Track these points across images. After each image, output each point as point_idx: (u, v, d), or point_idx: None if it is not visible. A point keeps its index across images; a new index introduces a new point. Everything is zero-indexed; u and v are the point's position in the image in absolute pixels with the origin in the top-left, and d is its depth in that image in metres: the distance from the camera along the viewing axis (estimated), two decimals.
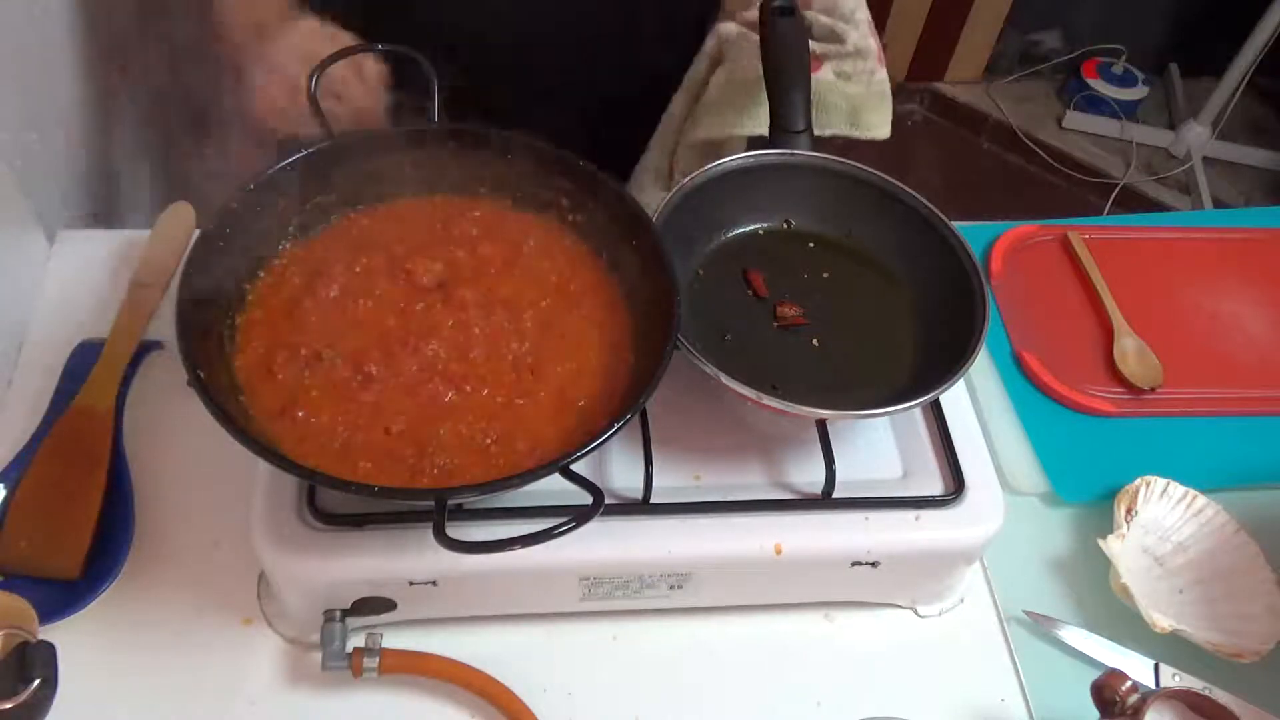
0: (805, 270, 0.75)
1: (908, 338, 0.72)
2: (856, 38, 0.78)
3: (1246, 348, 0.91)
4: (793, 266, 0.75)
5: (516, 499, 0.61)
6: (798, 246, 0.76)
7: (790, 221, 0.76)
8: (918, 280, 0.74)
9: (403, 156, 0.69)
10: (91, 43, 1.00)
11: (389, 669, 0.64)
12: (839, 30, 0.79)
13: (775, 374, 0.67)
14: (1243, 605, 0.73)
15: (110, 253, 0.86)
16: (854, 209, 0.76)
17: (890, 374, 0.70)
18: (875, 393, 0.67)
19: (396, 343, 0.63)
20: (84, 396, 0.73)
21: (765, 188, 0.75)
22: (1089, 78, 2.49)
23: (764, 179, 0.74)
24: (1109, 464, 0.80)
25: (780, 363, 0.69)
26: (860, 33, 0.78)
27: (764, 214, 0.76)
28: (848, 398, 0.66)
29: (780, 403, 0.60)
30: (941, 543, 0.66)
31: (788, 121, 0.74)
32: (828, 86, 0.81)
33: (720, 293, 0.72)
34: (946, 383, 0.63)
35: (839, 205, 0.76)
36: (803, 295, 0.73)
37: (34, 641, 0.53)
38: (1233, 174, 2.47)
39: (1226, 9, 2.28)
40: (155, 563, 0.70)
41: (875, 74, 0.80)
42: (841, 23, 0.79)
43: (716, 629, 0.71)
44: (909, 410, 0.65)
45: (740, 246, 0.75)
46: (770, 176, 0.74)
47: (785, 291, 0.73)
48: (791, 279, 0.74)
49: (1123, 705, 0.62)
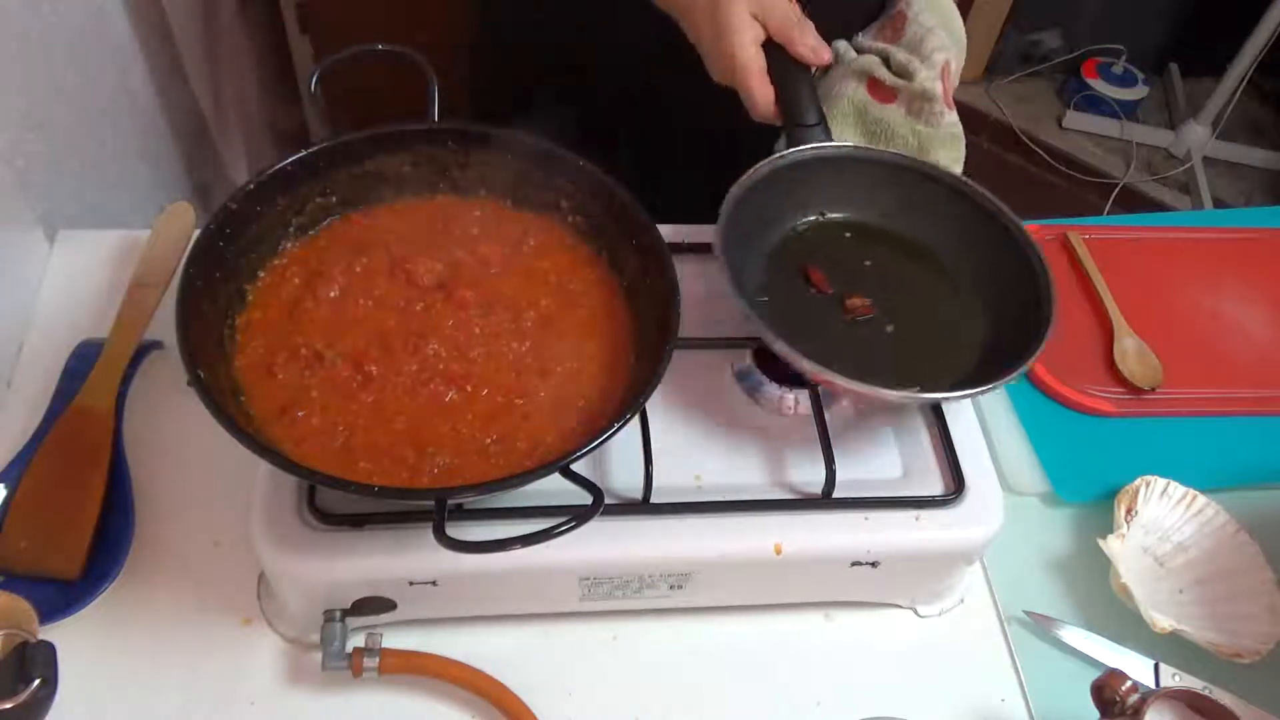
0: (853, 260, 0.75)
1: (969, 310, 0.73)
2: (924, 78, 0.79)
3: (1246, 348, 0.91)
4: (841, 258, 0.75)
5: (516, 499, 0.61)
6: (837, 236, 0.77)
7: (824, 213, 0.77)
8: (963, 254, 0.75)
9: (403, 156, 0.69)
10: (95, 43, 1.00)
11: (389, 669, 0.64)
12: (911, 68, 0.80)
13: (864, 365, 0.66)
14: (1243, 605, 0.73)
15: (110, 253, 0.86)
16: (883, 192, 0.76)
17: (962, 349, 0.71)
18: (954, 370, 0.68)
19: (396, 343, 0.63)
20: (84, 396, 0.73)
21: (797, 184, 0.75)
22: (1089, 78, 2.49)
23: (796, 176, 0.74)
24: (1109, 464, 0.80)
25: (865, 354, 0.70)
26: (931, 74, 0.80)
27: (800, 210, 0.77)
28: (931, 379, 0.67)
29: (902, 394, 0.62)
30: (941, 543, 0.66)
31: (800, 116, 0.74)
32: (899, 121, 0.82)
33: (788, 296, 0.73)
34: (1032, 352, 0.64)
35: (868, 190, 0.76)
36: (861, 285, 0.73)
37: (34, 641, 0.53)
38: (1233, 174, 2.47)
39: (1226, 9, 2.28)
40: (155, 563, 0.70)
41: (945, 116, 0.81)
42: (917, 60, 0.80)
43: (716, 629, 0.71)
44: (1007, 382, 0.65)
45: (788, 246, 0.76)
46: (801, 173, 0.74)
47: (844, 283, 0.73)
48: (843, 270, 0.74)
49: (1123, 705, 0.62)
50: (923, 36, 0.81)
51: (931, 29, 0.82)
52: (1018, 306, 0.69)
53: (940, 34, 0.82)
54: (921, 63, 0.80)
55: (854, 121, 0.82)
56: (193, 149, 1.25)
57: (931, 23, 0.82)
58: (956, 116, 0.83)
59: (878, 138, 0.83)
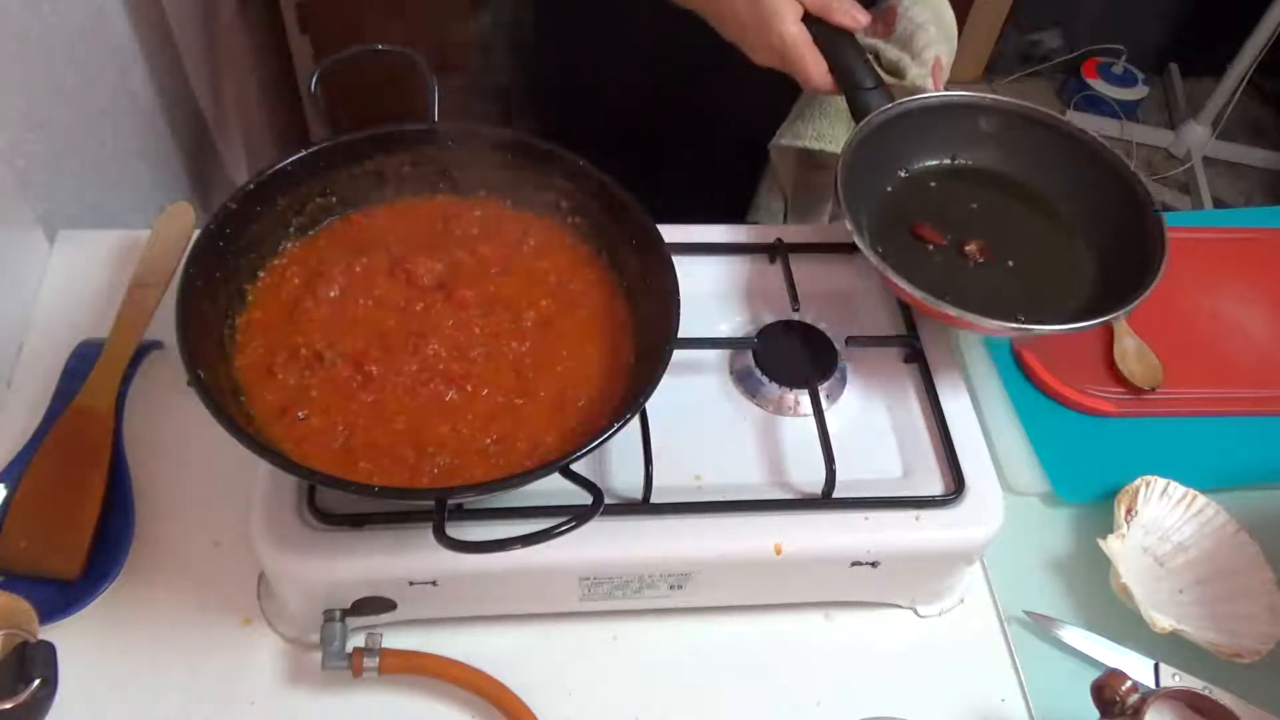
0: (950, 209, 0.76)
1: (1074, 241, 0.75)
2: (915, 75, 0.79)
3: (1246, 348, 0.91)
4: (938, 208, 0.76)
5: (516, 499, 0.61)
6: (923, 186, 0.78)
7: (907, 167, 0.78)
8: (1063, 193, 0.76)
9: (403, 156, 0.69)
10: (95, 43, 1.00)
11: (389, 669, 0.64)
12: (902, 65, 0.80)
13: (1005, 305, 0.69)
14: (1243, 605, 0.73)
15: (110, 253, 0.86)
16: (954, 136, 0.78)
17: (1079, 277, 0.73)
18: (1077, 299, 0.71)
19: (396, 343, 0.63)
20: (84, 396, 0.73)
21: (879, 148, 0.75)
22: (1089, 78, 2.49)
23: (877, 141, 0.75)
24: (1109, 464, 0.80)
25: (1000, 294, 0.71)
26: (922, 71, 0.80)
27: (885, 173, 0.77)
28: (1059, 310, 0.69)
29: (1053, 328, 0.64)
30: (941, 543, 0.66)
31: (859, 81, 0.74)
32: None
33: (908, 257, 0.73)
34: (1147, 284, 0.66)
35: (942, 136, 0.78)
36: (971, 230, 0.75)
37: (34, 641, 0.53)
38: (1233, 174, 2.47)
39: (1226, 9, 2.28)
40: (155, 563, 0.70)
41: None
42: (908, 58, 0.80)
43: (716, 629, 0.71)
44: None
45: (886, 211, 0.76)
46: (881, 137, 0.75)
47: (952, 230, 0.74)
48: (944, 219, 0.75)
49: (1123, 705, 0.62)
50: (913, 32, 0.81)
51: (922, 24, 0.81)
52: (1125, 240, 0.71)
53: (931, 29, 0.82)
54: (913, 59, 0.80)
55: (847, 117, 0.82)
56: (193, 149, 1.25)
57: (923, 18, 0.82)
58: None
59: None
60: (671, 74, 0.84)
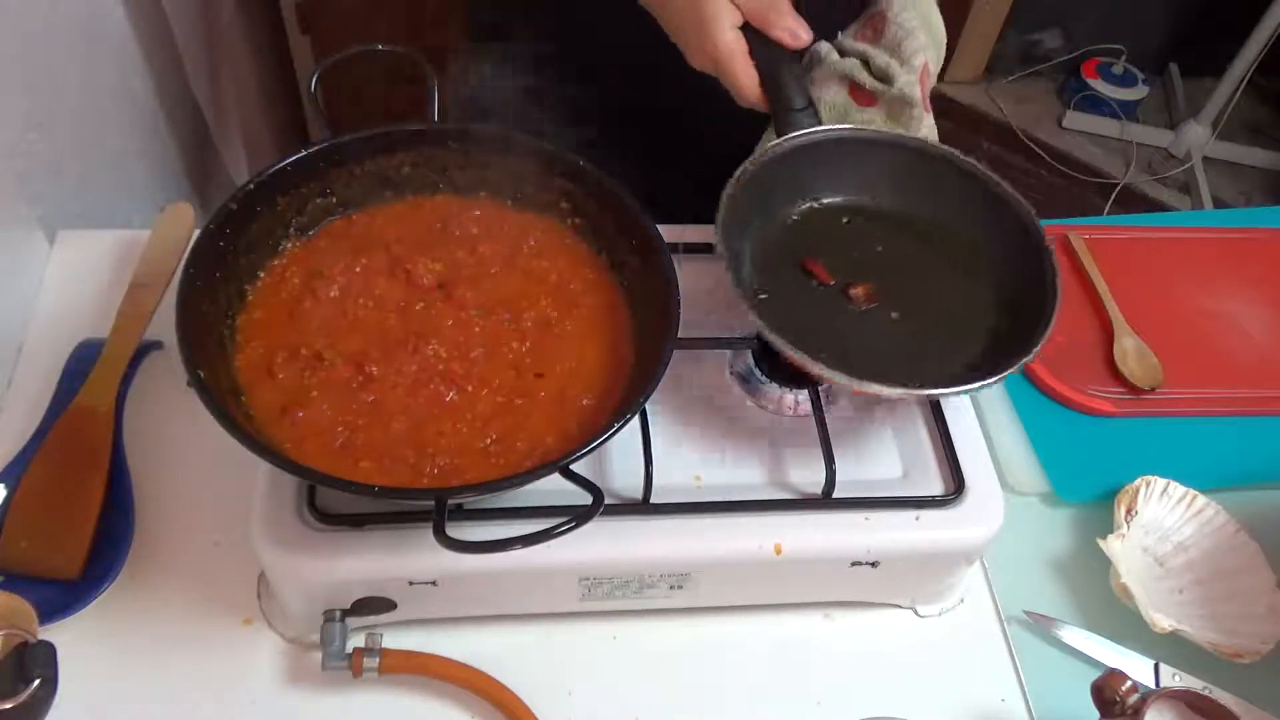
0: (854, 248, 0.74)
1: (974, 294, 0.72)
2: (904, 83, 0.78)
3: (1246, 348, 0.91)
4: (840, 245, 0.74)
5: (516, 499, 0.61)
6: (834, 222, 0.75)
7: (818, 199, 0.75)
8: (965, 240, 0.74)
9: (403, 156, 0.69)
10: (95, 43, 1.00)
11: (389, 669, 0.64)
12: (891, 72, 0.78)
13: (869, 358, 0.65)
14: (1243, 605, 0.73)
15: (110, 253, 0.86)
16: (874, 174, 0.75)
17: (968, 337, 0.69)
18: (960, 358, 0.67)
19: (396, 343, 0.63)
20: (84, 396, 0.73)
21: (789, 175, 0.74)
22: (1089, 78, 2.49)
23: (789, 166, 0.73)
24: (1109, 464, 0.80)
25: (876, 345, 0.68)
26: (910, 79, 0.78)
27: (793, 200, 0.75)
28: (939, 369, 0.66)
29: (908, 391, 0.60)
30: (941, 543, 0.66)
31: (788, 100, 0.73)
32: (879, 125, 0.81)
33: (789, 292, 0.71)
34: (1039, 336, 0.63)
35: (861, 173, 0.75)
36: (862, 271, 0.72)
37: (34, 641, 0.53)
38: (1233, 174, 2.47)
39: (1226, 9, 2.28)
40: (155, 563, 0.70)
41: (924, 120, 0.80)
42: (896, 64, 0.78)
43: (716, 629, 0.71)
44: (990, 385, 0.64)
45: (783, 240, 0.74)
46: (794, 162, 0.73)
47: (844, 272, 0.72)
48: (844, 257, 0.73)
49: (1123, 705, 0.62)
50: (902, 39, 0.80)
51: (912, 30, 0.80)
52: (1022, 288, 0.69)
53: (920, 35, 0.81)
54: (901, 66, 0.79)
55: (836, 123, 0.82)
56: (193, 149, 1.25)
57: (912, 24, 0.81)
58: (932, 120, 0.82)
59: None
60: (672, 75, 0.83)
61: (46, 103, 0.89)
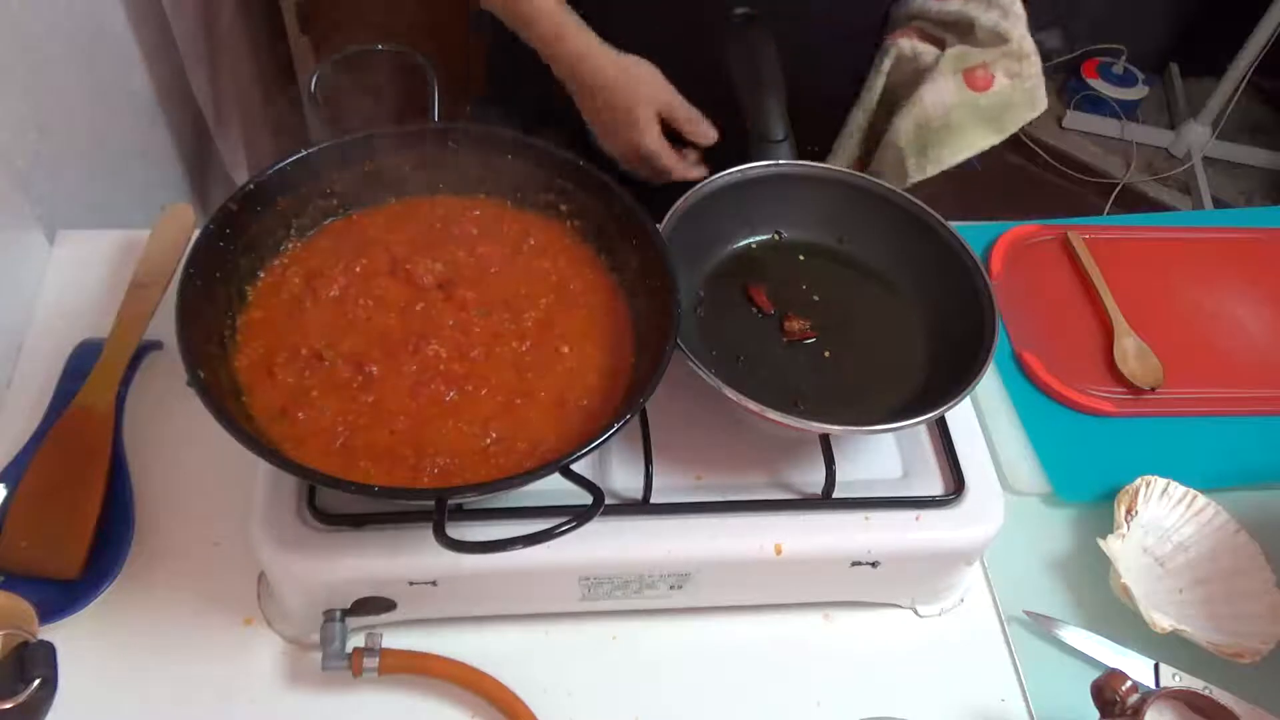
0: (804, 281, 0.74)
1: (916, 342, 0.72)
2: (1019, 35, 0.74)
3: (1246, 348, 0.91)
4: (791, 278, 0.74)
5: (516, 499, 0.61)
6: (791, 258, 0.76)
7: (781, 233, 0.76)
8: (919, 284, 0.74)
9: (403, 156, 0.69)
10: (96, 43, 1.00)
11: (389, 669, 0.64)
12: (1002, 30, 0.74)
13: (790, 389, 0.67)
14: (1243, 605, 0.73)
15: (110, 253, 0.86)
16: (845, 216, 0.75)
17: (902, 381, 0.69)
18: (889, 402, 0.67)
19: (397, 343, 0.63)
20: (84, 396, 0.73)
21: (755, 201, 0.75)
22: (1089, 78, 2.48)
23: (754, 192, 0.74)
24: (1109, 464, 0.80)
25: (795, 378, 0.69)
26: (1022, 30, 0.74)
27: (754, 227, 0.76)
28: (861, 409, 0.66)
29: (794, 419, 0.60)
30: (941, 543, 0.66)
31: (768, 131, 0.74)
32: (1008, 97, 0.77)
33: (726, 312, 0.72)
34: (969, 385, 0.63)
35: (829, 213, 0.76)
36: (806, 307, 0.72)
37: (34, 641, 0.53)
38: (1233, 174, 2.47)
39: (1226, 9, 2.28)
40: (155, 563, 0.70)
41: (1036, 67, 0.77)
42: (1002, 20, 0.74)
43: (716, 629, 0.71)
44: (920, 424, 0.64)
45: (736, 263, 0.75)
46: (759, 190, 0.74)
47: (788, 305, 0.72)
48: (792, 291, 0.74)
49: (1123, 705, 0.62)
50: None
51: None
52: (961, 335, 0.68)
53: None
54: (1005, 18, 0.75)
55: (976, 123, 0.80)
56: (193, 149, 1.25)
57: None
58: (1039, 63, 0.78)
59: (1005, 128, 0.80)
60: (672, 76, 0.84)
61: (47, 103, 0.89)
